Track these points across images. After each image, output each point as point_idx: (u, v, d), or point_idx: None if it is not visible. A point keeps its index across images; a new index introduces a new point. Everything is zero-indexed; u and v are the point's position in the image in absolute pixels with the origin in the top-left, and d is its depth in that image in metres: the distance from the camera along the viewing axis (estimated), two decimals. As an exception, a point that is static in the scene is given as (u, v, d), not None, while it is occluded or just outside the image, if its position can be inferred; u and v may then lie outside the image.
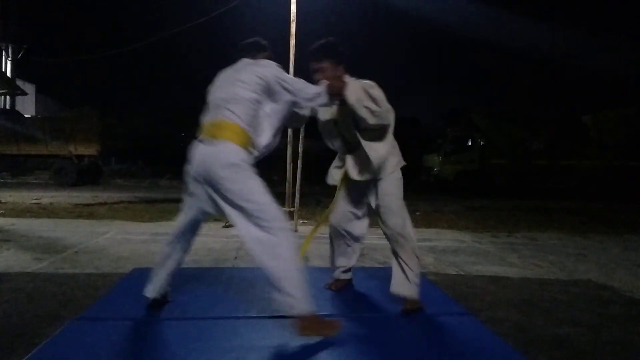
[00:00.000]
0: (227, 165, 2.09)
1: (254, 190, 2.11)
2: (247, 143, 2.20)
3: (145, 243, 4.77)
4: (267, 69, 2.29)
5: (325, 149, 2.89)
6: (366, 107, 2.38)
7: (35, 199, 9.19)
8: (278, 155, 3.62)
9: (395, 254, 2.64)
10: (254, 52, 2.44)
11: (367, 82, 2.52)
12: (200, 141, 2.23)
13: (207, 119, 2.28)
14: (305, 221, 6.44)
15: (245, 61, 2.39)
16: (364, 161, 2.60)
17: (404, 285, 2.58)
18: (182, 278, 3.20)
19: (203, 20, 15.66)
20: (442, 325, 2.44)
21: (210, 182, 2.13)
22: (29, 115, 17.39)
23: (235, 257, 4.22)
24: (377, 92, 2.47)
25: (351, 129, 2.59)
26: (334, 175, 2.85)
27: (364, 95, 2.39)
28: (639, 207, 10.05)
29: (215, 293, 2.87)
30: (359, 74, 2.59)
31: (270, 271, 2.04)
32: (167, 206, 8.12)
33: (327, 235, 3.01)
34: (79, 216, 6.73)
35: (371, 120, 2.41)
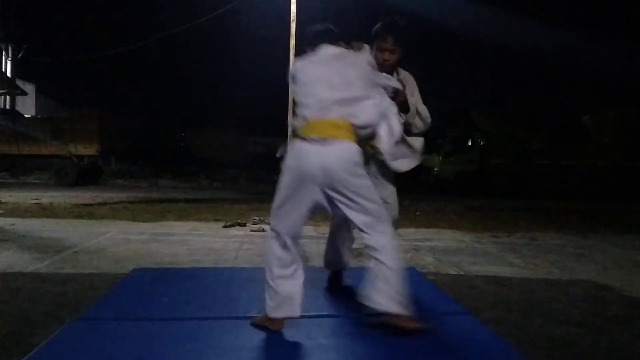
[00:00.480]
0: (352, 165, 2.12)
1: (372, 190, 2.20)
2: (357, 141, 2.21)
3: (145, 243, 4.77)
4: (374, 73, 2.37)
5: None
6: (413, 124, 2.74)
7: (35, 199, 9.19)
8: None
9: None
10: (333, 38, 2.35)
11: (411, 85, 2.74)
12: (312, 140, 2.12)
13: (317, 118, 2.15)
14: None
15: (335, 52, 2.31)
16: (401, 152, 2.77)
17: None
18: (182, 278, 3.21)
19: (203, 20, 15.69)
20: (442, 325, 2.44)
21: (331, 181, 2.10)
22: (29, 115, 17.39)
23: (235, 257, 4.22)
24: (418, 98, 2.76)
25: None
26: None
27: (415, 112, 2.72)
28: (639, 207, 10.05)
29: (215, 293, 2.87)
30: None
31: (376, 267, 2.18)
32: (167, 206, 8.13)
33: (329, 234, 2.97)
34: (79, 216, 6.73)
35: (414, 130, 2.77)
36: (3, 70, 18.79)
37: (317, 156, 2.09)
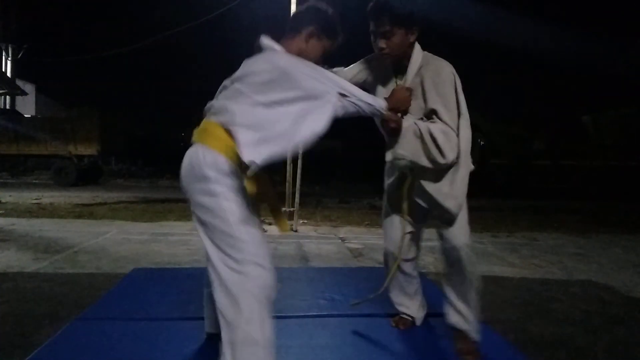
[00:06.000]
0: None
1: None
2: None
3: (145, 243, 4.77)
4: None
5: (325, 149, 2.86)
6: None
7: (35, 199, 9.18)
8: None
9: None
10: None
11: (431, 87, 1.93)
12: None
13: None
14: (305, 221, 6.44)
15: None
16: None
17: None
18: (182, 278, 3.21)
19: (203, 20, 15.69)
20: (442, 325, 2.44)
21: None
22: (29, 115, 17.38)
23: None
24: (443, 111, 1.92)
25: None
26: None
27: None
28: (639, 207, 10.05)
29: (215, 293, 2.87)
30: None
31: None
32: (167, 206, 8.12)
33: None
34: (79, 216, 6.73)
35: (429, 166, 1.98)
36: (3, 70, 18.79)
37: None
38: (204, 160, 1.58)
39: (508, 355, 2.10)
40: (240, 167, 1.59)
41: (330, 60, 1.91)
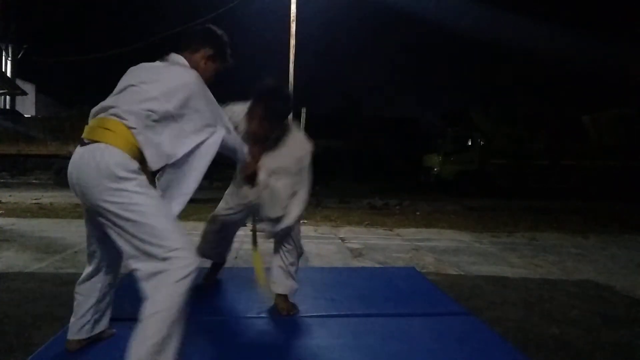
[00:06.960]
0: None
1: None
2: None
3: (145, 243, 4.77)
4: None
5: (324, 149, 2.88)
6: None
7: (35, 199, 9.19)
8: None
9: None
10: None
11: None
12: None
13: None
14: (305, 221, 6.43)
15: None
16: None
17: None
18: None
19: (202, 20, 15.69)
20: (442, 325, 2.44)
21: None
22: (29, 115, 17.39)
23: (235, 257, 4.22)
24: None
25: None
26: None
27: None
28: (639, 207, 10.05)
29: (216, 293, 2.88)
30: (360, 74, 2.56)
31: None
32: (167, 206, 8.12)
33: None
34: (79, 216, 6.73)
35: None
36: (3, 70, 18.79)
37: None
38: (112, 159, 1.62)
39: (508, 355, 2.11)
40: (142, 166, 1.69)
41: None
